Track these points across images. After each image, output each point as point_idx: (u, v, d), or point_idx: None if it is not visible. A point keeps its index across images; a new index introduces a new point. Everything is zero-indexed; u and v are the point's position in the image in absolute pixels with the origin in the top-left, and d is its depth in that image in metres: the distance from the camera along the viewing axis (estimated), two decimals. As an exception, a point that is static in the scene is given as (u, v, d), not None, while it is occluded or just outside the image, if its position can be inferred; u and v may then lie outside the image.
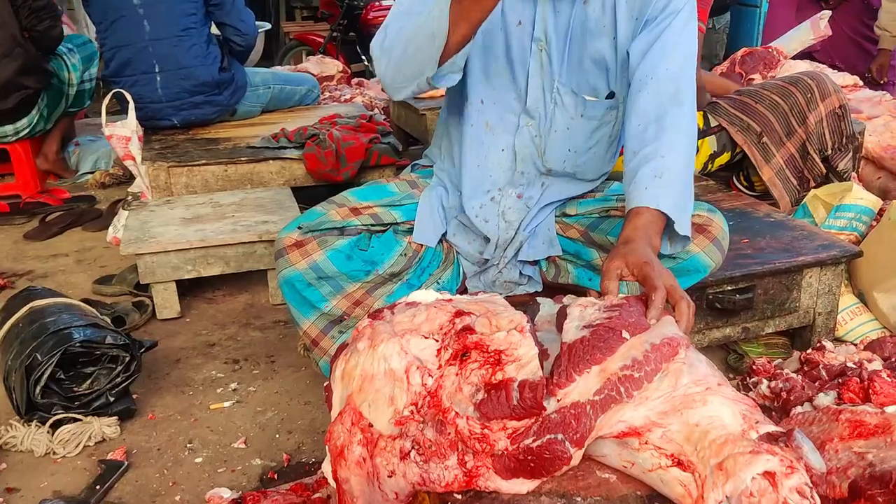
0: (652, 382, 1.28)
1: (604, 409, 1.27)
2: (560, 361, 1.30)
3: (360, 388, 1.37)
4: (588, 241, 1.99)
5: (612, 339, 1.30)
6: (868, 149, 3.57)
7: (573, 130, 1.92)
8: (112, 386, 2.12)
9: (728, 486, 1.17)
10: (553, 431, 1.24)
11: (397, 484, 1.30)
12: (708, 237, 1.90)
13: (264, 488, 1.86)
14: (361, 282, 1.93)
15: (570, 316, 1.40)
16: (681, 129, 1.73)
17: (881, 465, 1.46)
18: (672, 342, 1.31)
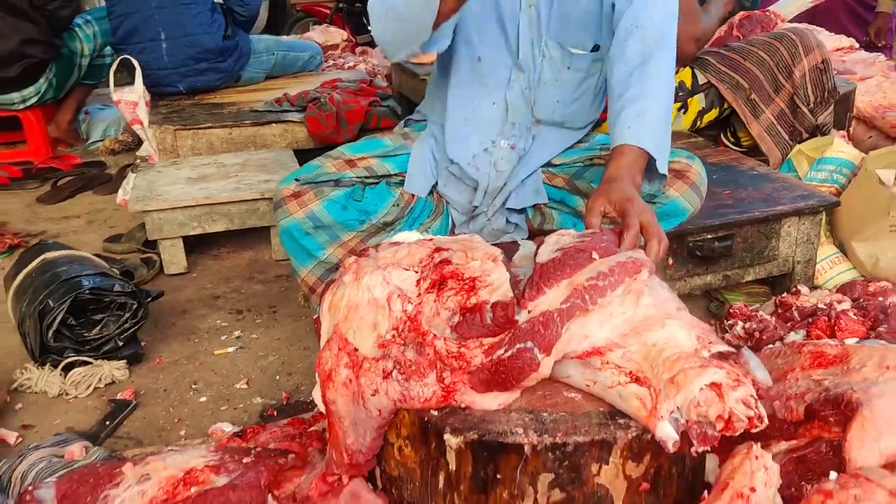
0: (615, 292, 1.38)
1: (570, 316, 1.36)
2: (533, 279, 1.40)
3: (346, 316, 1.47)
4: (573, 189, 2.09)
5: (581, 258, 1.40)
6: (860, 109, 3.64)
7: (561, 82, 2.02)
8: (120, 331, 2.24)
9: (679, 398, 1.27)
10: (523, 340, 1.35)
11: (380, 402, 1.41)
12: (686, 182, 1.99)
13: (264, 423, 1.98)
14: (356, 231, 2.03)
15: (546, 243, 1.50)
16: (662, 75, 1.83)
17: (835, 390, 1.56)
18: (637, 261, 1.41)
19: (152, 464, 1.53)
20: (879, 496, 1.24)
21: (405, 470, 1.45)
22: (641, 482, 1.36)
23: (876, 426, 1.44)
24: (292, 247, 2.08)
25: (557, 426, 1.32)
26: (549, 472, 1.31)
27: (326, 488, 1.55)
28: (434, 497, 1.41)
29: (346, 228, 2.03)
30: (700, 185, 2.02)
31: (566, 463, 1.31)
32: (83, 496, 1.47)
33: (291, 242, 2.07)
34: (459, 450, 1.33)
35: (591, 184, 2.05)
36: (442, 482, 1.38)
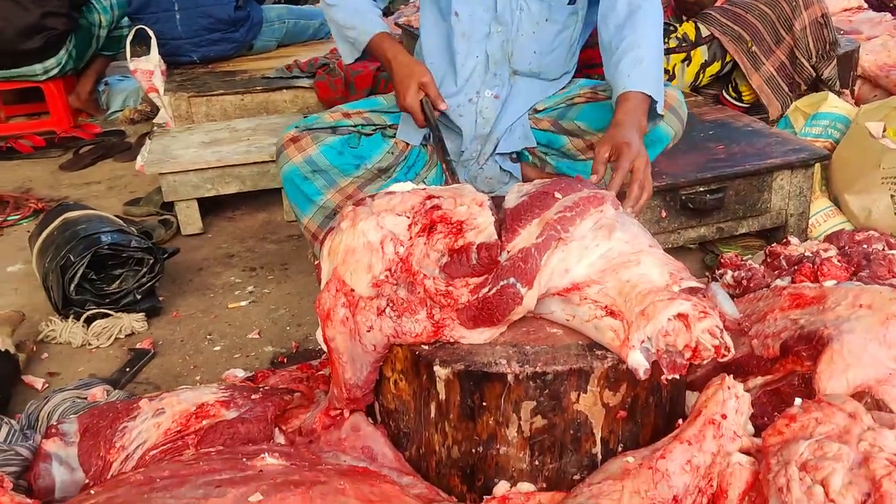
0: (585, 223, 1.47)
1: (546, 247, 1.45)
2: (506, 222, 1.49)
3: (343, 260, 1.57)
4: (558, 129, 2.19)
5: (546, 199, 1.50)
6: (865, 68, 3.66)
7: (538, 34, 2.12)
8: (138, 285, 2.36)
9: (648, 328, 1.36)
10: (505, 277, 1.44)
11: (375, 337, 1.51)
12: (665, 107, 2.06)
13: (274, 369, 2.09)
14: (352, 176, 2.13)
15: (510, 191, 1.60)
16: (651, 22, 1.95)
17: (809, 327, 1.64)
18: (598, 195, 1.51)
19: (167, 399, 1.64)
20: (839, 418, 1.32)
21: (400, 402, 1.56)
22: (619, 410, 1.45)
23: (844, 359, 1.52)
24: (294, 194, 2.18)
25: (539, 357, 1.42)
26: (531, 399, 1.41)
27: (329, 422, 1.66)
28: (427, 426, 1.51)
29: (343, 173, 2.13)
30: (678, 108, 2.12)
31: (546, 391, 1.40)
32: (103, 429, 1.59)
33: (293, 189, 2.17)
34: (448, 380, 1.43)
35: (575, 121, 2.16)
36: (434, 411, 1.48)
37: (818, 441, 1.27)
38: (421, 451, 1.55)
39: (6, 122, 4.56)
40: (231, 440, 1.58)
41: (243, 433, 1.60)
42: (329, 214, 2.14)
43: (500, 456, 1.46)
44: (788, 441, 1.32)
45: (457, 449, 1.49)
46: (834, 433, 1.29)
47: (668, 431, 1.50)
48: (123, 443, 1.58)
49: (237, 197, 3.16)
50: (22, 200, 3.36)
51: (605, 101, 2.13)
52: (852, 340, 1.54)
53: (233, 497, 1.15)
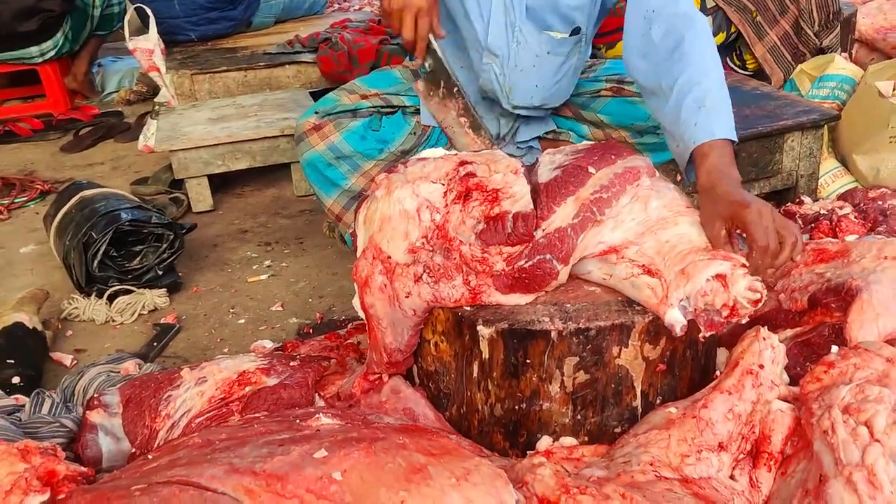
0: (621, 202, 1.50)
1: (583, 228, 1.48)
2: (541, 199, 1.51)
3: (380, 228, 1.58)
4: (580, 119, 2.19)
5: (580, 174, 1.52)
6: (861, 31, 3.69)
7: (539, 67, 2.01)
8: (159, 261, 2.37)
9: (687, 287, 1.39)
10: (542, 252, 1.47)
11: (414, 303, 1.54)
12: None
13: (302, 339, 2.12)
14: (376, 160, 2.14)
15: (541, 162, 1.61)
16: (703, 48, 1.65)
17: (836, 280, 1.68)
18: (633, 170, 1.53)
19: (208, 368, 1.66)
20: (877, 363, 1.37)
21: (441, 364, 1.59)
22: (658, 363, 1.49)
23: (874, 308, 1.56)
24: (316, 178, 2.19)
25: (580, 314, 1.45)
26: (574, 355, 1.44)
27: (368, 386, 1.69)
28: (469, 385, 1.54)
29: (366, 157, 2.14)
30: None
31: (589, 346, 1.44)
32: (147, 399, 1.61)
33: (315, 174, 2.18)
34: (492, 339, 1.46)
35: (598, 114, 2.15)
36: (476, 370, 1.51)
37: (859, 385, 1.31)
38: (462, 411, 1.58)
39: (1, 105, 4.52)
40: (275, 405, 1.61)
41: (286, 398, 1.63)
42: (354, 196, 2.16)
43: (543, 412, 1.50)
44: (828, 387, 1.36)
45: (500, 406, 1.52)
46: (873, 377, 1.34)
47: (704, 384, 1.54)
48: (168, 411, 1.60)
49: (246, 173, 3.16)
50: (27, 183, 3.35)
51: (630, 97, 2.07)
52: (880, 290, 1.59)
53: (298, 454, 1.18)
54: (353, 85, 2.24)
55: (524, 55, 1.99)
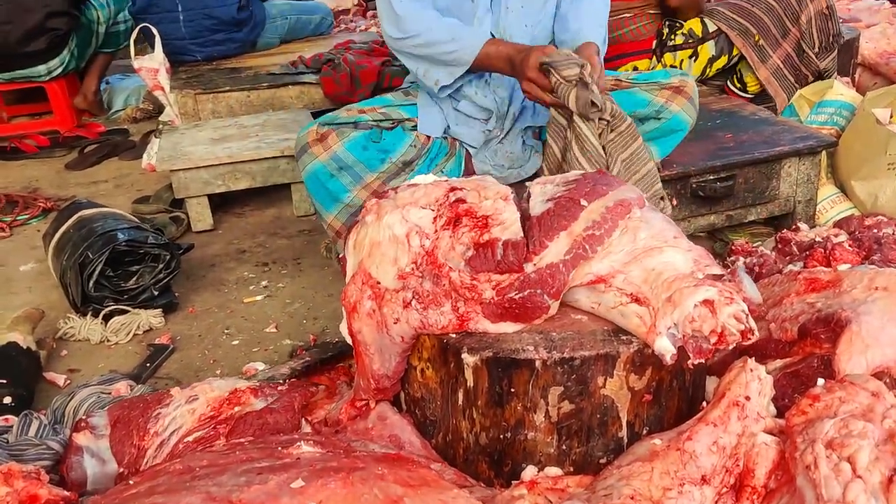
0: (612, 237, 1.50)
1: (574, 265, 1.48)
2: (532, 232, 1.51)
3: (369, 253, 1.59)
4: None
5: (573, 208, 1.52)
6: (864, 56, 3.69)
7: (526, 8, 2.19)
8: (155, 281, 2.38)
9: (675, 314, 1.39)
10: (533, 287, 1.47)
11: (402, 329, 1.54)
12: (685, 97, 2.19)
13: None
14: (377, 171, 2.17)
15: (532, 194, 1.61)
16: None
17: (826, 310, 1.67)
18: (624, 203, 1.52)
19: (199, 387, 1.67)
20: (862, 397, 1.35)
21: (427, 390, 1.58)
22: (644, 394, 1.48)
23: (863, 340, 1.55)
24: (318, 191, 2.21)
25: (566, 343, 1.44)
26: (559, 385, 1.44)
27: (355, 412, 1.69)
28: (454, 413, 1.54)
29: (368, 168, 2.17)
30: (694, 98, 2.22)
31: (574, 376, 1.43)
32: (135, 418, 1.61)
33: (317, 186, 2.20)
34: (476, 367, 1.46)
35: None
36: (461, 398, 1.51)
37: (843, 419, 1.30)
38: (448, 439, 1.58)
39: (9, 122, 4.57)
40: (260, 430, 1.61)
41: (272, 423, 1.63)
42: (355, 212, 2.17)
43: (528, 441, 1.49)
44: (813, 420, 1.34)
45: (484, 435, 1.51)
46: (858, 411, 1.32)
47: (691, 414, 1.53)
48: (157, 429, 1.60)
49: (246, 193, 3.18)
50: (30, 200, 3.37)
51: (629, 88, 2.23)
52: (870, 322, 1.57)
53: (275, 483, 1.17)
54: (351, 105, 2.29)
55: (514, 18, 2.18)
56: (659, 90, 2.21)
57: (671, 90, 2.20)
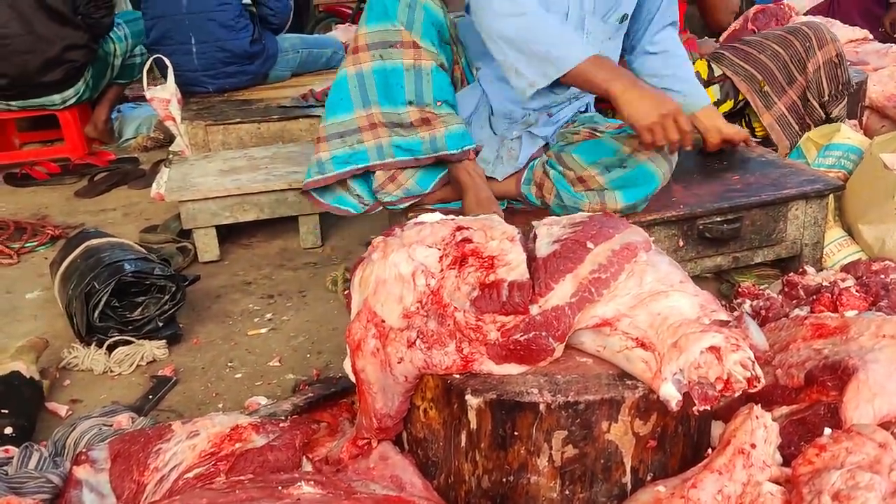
0: (618, 280, 1.49)
1: (580, 308, 1.48)
2: (538, 274, 1.51)
3: (375, 291, 1.59)
4: (558, 160, 2.29)
5: (579, 250, 1.52)
6: (872, 98, 3.70)
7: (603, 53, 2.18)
8: (160, 313, 2.38)
9: (681, 360, 1.38)
10: (538, 329, 1.46)
11: (405, 368, 1.53)
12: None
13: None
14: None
15: (539, 235, 1.61)
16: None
17: (833, 357, 1.66)
18: (630, 246, 1.52)
19: (201, 422, 1.66)
20: (869, 447, 1.34)
21: (430, 431, 1.57)
22: (649, 440, 1.47)
23: (870, 388, 1.54)
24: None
25: (570, 386, 1.43)
26: (563, 429, 1.43)
27: (357, 451, 1.68)
28: (457, 455, 1.52)
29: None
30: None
31: (578, 420, 1.42)
32: (135, 452, 1.61)
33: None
34: (479, 409, 1.45)
35: (572, 154, 2.26)
36: (464, 440, 1.50)
37: (849, 470, 1.29)
38: (450, 481, 1.56)
39: (21, 148, 4.61)
40: (261, 468, 1.59)
41: (272, 461, 1.61)
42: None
43: (531, 485, 1.47)
44: (819, 470, 1.33)
45: (487, 478, 1.50)
46: (865, 463, 1.31)
47: (696, 461, 1.51)
48: (157, 464, 1.59)
49: (253, 224, 3.19)
50: (39, 227, 3.39)
51: (601, 138, 2.26)
52: (877, 370, 1.56)
53: (275, 525, 1.16)
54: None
55: (591, 44, 2.22)
56: (627, 138, 2.22)
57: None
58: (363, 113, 2.23)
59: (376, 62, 2.17)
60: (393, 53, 2.15)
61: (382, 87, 2.19)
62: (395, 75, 2.17)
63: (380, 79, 2.18)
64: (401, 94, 2.18)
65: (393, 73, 2.16)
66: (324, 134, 2.29)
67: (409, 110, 2.19)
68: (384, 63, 2.16)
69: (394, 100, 2.19)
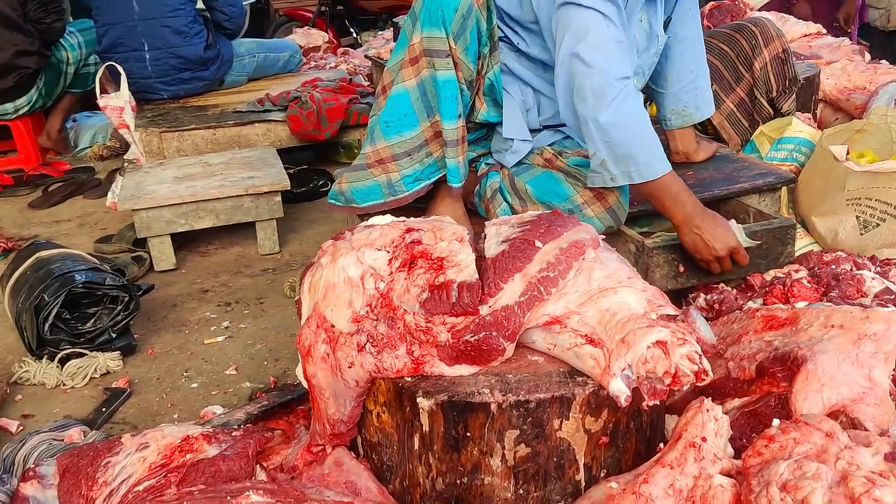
0: (567, 278, 1.49)
1: (529, 307, 1.48)
2: (487, 274, 1.50)
3: (324, 296, 1.57)
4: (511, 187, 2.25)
5: (527, 249, 1.51)
6: (826, 92, 3.75)
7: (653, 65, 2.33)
8: (113, 324, 2.34)
9: (629, 355, 1.39)
10: (488, 329, 1.46)
11: (356, 373, 1.52)
12: (604, 205, 2.14)
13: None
14: None
15: (488, 234, 1.61)
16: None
17: (783, 348, 1.67)
18: (578, 244, 1.52)
19: (151, 434, 1.63)
20: (816, 437, 1.35)
21: (383, 435, 1.56)
22: (601, 436, 1.47)
23: (819, 378, 1.55)
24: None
25: (521, 385, 1.43)
26: (515, 428, 1.42)
27: (311, 458, 1.66)
28: (411, 458, 1.51)
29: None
30: (617, 209, 2.14)
31: (529, 419, 1.41)
32: (84, 467, 1.57)
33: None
34: (431, 411, 1.44)
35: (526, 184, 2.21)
36: (417, 443, 1.49)
37: (797, 461, 1.29)
38: (405, 484, 1.55)
39: (-28, 161, 4.52)
40: (212, 478, 1.57)
41: (224, 471, 1.59)
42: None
43: (485, 486, 1.47)
44: (768, 461, 1.33)
45: (441, 480, 1.49)
46: (812, 452, 1.32)
47: (650, 455, 1.51)
48: (106, 479, 1.56)
49: (210, 231, 3.15)
50: (-9, 240, 3.32)
51: (558, 173, 2.19)
52: (826, 360, 1.57)
53: (220, 537, 1.14)
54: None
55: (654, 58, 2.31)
56: (583, 188, 2.12)
57: (594, 192, 2.12)
58: (427, 123, 2.13)
59: (431, 70, 2.07)
60: (445, 63, 2.06)
61: (438, 98, 2.09)
62: (447, 87, 2.07)
63: (436, 88, 2.08)
64: (454, 108, 2.09)
65: (445, 84, 2.07)
66: (388, 154, 2.15)
67: (459, 125, 2.11)
68: (437, 73, 2.06)
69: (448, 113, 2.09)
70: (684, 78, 2.47)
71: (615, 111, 1.94)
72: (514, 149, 2.23)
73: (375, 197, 2.22)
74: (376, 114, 2.18)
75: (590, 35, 1.93)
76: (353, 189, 2.22)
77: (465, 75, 2.09)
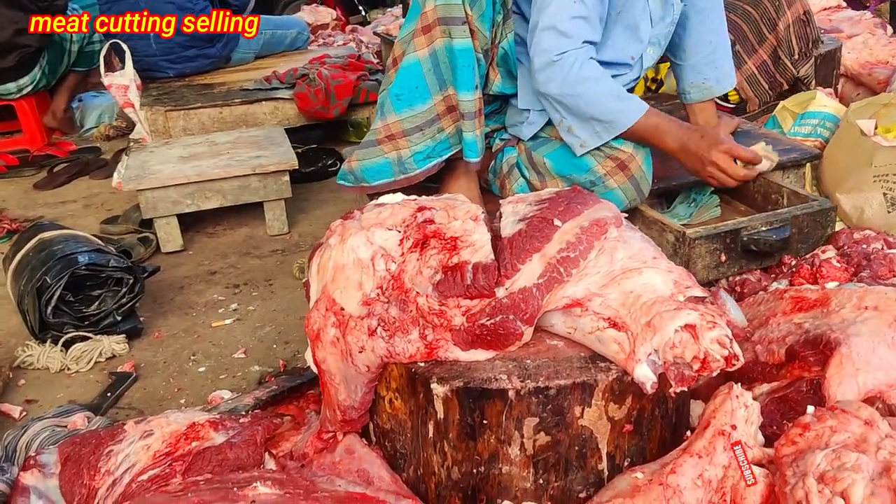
0: (588, 259, 1.42)
1: (548, 289, 1.40)
2: (504, 255, 1.42)
3: (333, 277, 1.50)
4: (527, 161, 2.20)
5: (546, 228, 1.44)
6: (847, 66, 3.65)
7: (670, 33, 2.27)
8: (118, 306, 2.28)
9: (655, 340, 1.31)
10: (505, 312, 1.39)
11: (367, 358, 1.45)
12: (626, 174, 2.06)
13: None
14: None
15: (504, 213, 1.53)
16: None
17: (815, 331, 1.59)
18: (599, 223, 1.44)
19: (155, 421, 1.58)
20: (854, 426, 1.28)
21: (396, 422, 1.50)
22: (624, 424, 1.40)
23: (853, 363, 1.47)
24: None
25: (540, 371, 1.36)
26: (534, 416, 1.35)
27: (322, 445, 1.60)
28: (425, 446, 1.45)
29: None
30: (640, 178, 2.07)
31: (549, 406, 1.35)
32: (86, 455, 1.52)
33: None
34: (446, 398, 1.37)
35: (543, 157, 2.14)
36: (431, 431, 1.42)
37: (835, 451, 1.22)
38: (419, 473, 1.49)
39: (-24, 141, 4.46)
40: (219, 467, 1.51)
41: (232, 459, 1.53)
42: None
43: (503, 475, 1.40)
44: (803, 451, 1.26)
45: (457, 469, 1.43)
46: (850, 442, 1.24)
47: (675, 444, 1.45)
48: (109, 467, 1.51)
49: (217, 212, 3.09)
50: (-5, 221, 3.27)
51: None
52: (860, 344, 1.50)
53: (225, 532, 1.08)
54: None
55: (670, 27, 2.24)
56: (605, 158, 2.06)
57: (616, 162, 2.05)
58: (440, 97, 2.03)
59: (446, 39, 1.97)
60: (462, 32, 1.96)
61: (454, 68, 1.99)
62: (464, 56, 1.98)
63: (451, 59, 1.98)
64: (471, 78, 1.99)
65: (462, 53, 1.97)
66: (398, 129, 2.06)
67: (476, 96, 2.02)
68: (452, 42, 1.97)
69: (465, 84, 2.00)
70: (703, 49, 2.37)
71: (562, 82, 1.96)
72: (530, 120, 2.15)
73: (385, 175, 2.13)
74: (386, 87, 2.10)
75: (551, 6, 1.93)
76: (363, 167, 2.14)
77: (481, 43, 2.01)
